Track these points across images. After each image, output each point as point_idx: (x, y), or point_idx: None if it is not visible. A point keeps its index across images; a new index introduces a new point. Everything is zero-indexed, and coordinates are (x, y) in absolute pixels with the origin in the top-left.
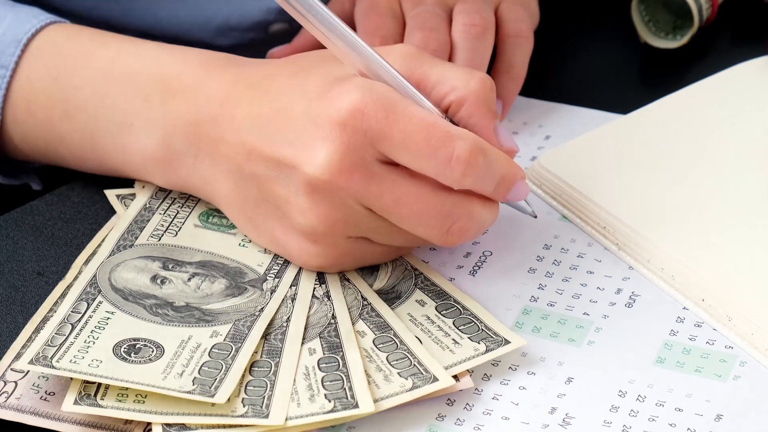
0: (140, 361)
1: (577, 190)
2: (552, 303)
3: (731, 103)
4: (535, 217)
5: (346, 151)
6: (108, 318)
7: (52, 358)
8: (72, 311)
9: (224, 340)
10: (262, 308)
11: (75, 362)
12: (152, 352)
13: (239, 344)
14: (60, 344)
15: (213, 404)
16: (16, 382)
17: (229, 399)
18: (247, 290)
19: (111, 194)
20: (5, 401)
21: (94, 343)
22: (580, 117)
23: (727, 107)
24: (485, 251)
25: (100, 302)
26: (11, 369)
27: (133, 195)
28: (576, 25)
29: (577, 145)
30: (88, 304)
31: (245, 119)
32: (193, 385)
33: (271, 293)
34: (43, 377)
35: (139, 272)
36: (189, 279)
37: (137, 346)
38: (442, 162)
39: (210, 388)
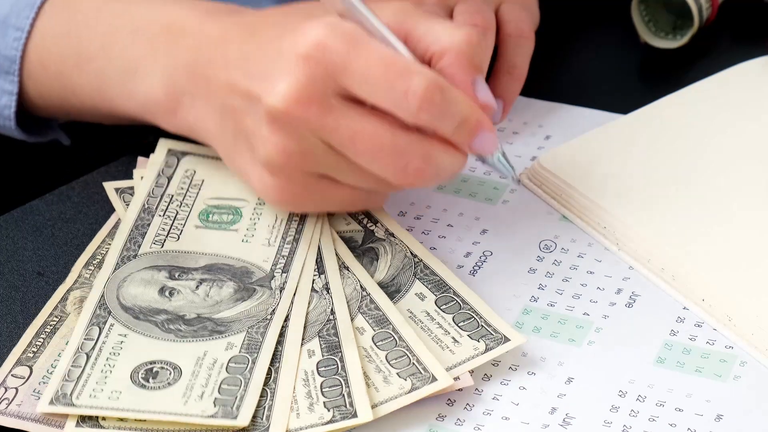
0: (159, 387)
1: (577, 190)
2: (552, 303)
3: (731, 103)
4: (519, 182)
5: (306, 83)
6: (122, 341)
7: (71, 395)
8: (85, 339)
9: (240, 351)
10: (273, 310)
11: (95, 396)
12: (170, 374)
13: (255, 354)
14: (77, 378)
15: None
16: (16, 389)
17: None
18: (257, 291)
19: (109, 187)
20: (6, 408)
21: (111, 372)
22: (580, 117)
23: (727, 107)
24: (485, 251)
25: (112, 325)
26: (12, 375)
27: (131, 188)
28: (576, 25)
29: (577, 145)
30: (100, 329)
31: (233, 57)
32: (215, 407)
33: (281, 291)
34: (44, 383)
35: (147, 285)
36: (197, 287)
37: (154, 369)
38: (399, 95)
39: (232, 408)
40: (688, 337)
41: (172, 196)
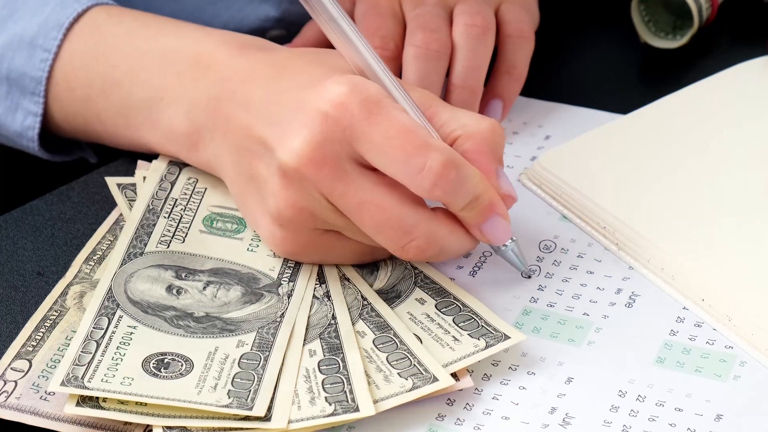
0: (171, 376)
1: (577, 190)
2: (552, 303)
3: (731, 103)
4: (529, 277)
5: (321, 142)
6: (131, 333)
7: (83, 378)
8: (94, 327)
9: (251, 349)
10: (283, 314)
11: (107, 381)
12: (182, 366)
13: (267, 353)
14: (88, 363)
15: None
16: (16, 382)
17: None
18: (264, 296)
19: (111, 182)
20: (5, 401)
21: (122, 360)
22: (580, 117)
23: (727, 107)
24: (485, 251)
25: (121, 316)
26: (11, 368)
27: (134, 185)
28: (576, 25)
29: (577, 145)
30: (109, 320)
31: (255, 97)
32: (229, 398)
33: (288, 297)
34: (43, 377)
35: (153, 282)
36: (204, 288)
37: (165, 360)
38: (415, 170)
39: (246, 400)
40: (687, 337)
41: (176, 200)
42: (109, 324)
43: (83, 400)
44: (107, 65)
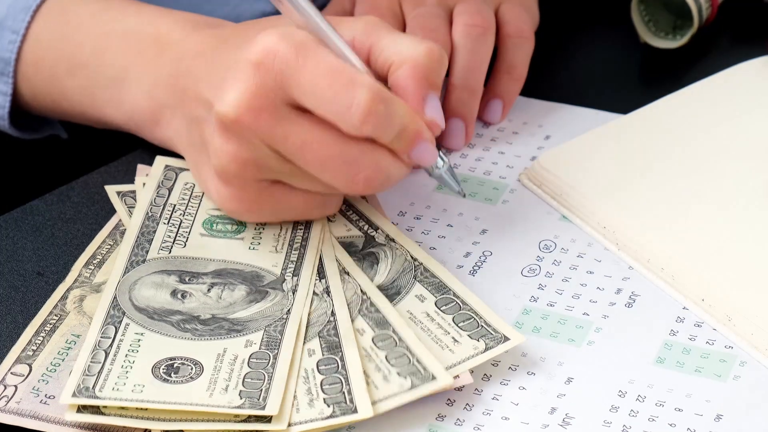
0: (182, 381)
1: (577, 190)
2: (552, 303)
3: (731, 103)
4: (464, 196)
5: (255, 90)
6: (139, 339)
7: (94, 387)
8: (102, 337)
9: (260, 348)
10: (289, 310)
11: (118, 390)
12: (191, 369)
13: (275, 351)
14: (98, 372)
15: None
16: (16, 386)
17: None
18: (269, 293)
19: (111, 190)
20: (5, 405)
21: (131, 367)
22: (580, 117)
23: (727, 107)
24: (485, 251)
25: (128, 324)
26: (11, 373)
27: (134, 192)
28: (576, 25)
29: (577, 145)
30: (116, 328)
31: (203, 68)
32: (241, 398)
33: (293, 293)
34: (43, 381)
35: (158, 288)
36: (208, 290)
37: (175, 365)
38: (343, 108)
39: (259, 400)
40: (687, 337)
41: (175, 205)
42: (116, 332)
43: (84, 407)
44: (73, 45)
